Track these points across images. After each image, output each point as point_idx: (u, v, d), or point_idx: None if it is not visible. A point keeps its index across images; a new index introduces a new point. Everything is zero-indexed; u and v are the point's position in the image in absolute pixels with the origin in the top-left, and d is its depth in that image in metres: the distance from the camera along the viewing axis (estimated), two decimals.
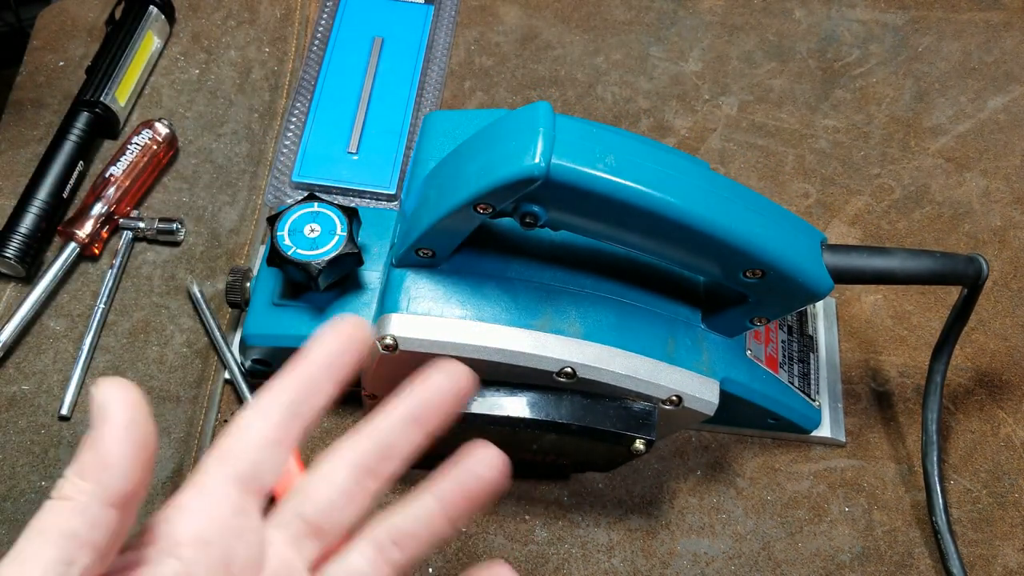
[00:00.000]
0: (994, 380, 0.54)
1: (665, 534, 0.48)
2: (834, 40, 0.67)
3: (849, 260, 0.39)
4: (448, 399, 0.30)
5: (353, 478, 0.29)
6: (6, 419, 0.48)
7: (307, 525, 0.29)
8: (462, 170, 0.36)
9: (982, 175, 0.61)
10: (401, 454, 0.30)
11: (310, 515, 0.29)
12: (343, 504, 0.29)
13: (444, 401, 0.30)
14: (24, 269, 0.51)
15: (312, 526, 0.29)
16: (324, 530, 0.29)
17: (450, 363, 0.30)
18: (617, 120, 0.63)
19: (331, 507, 0.29)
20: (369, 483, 0.29)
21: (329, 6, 0.65)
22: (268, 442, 0.28)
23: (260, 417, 0.28)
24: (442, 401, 0.30)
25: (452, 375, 0.30)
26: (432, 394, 0.30)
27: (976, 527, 0.49)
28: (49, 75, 0.61)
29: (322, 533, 0.29)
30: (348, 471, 0.29)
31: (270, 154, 0.59)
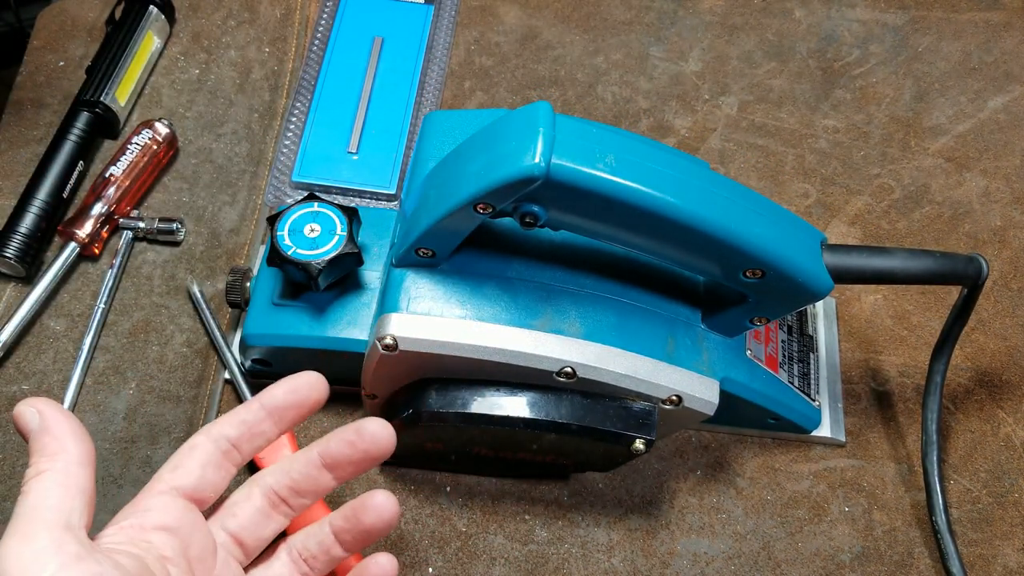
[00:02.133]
0: (994, 380, 0.54)
1: (665, 534, 0.48)
2: (834, 40, 0.67)
3: (849, 260, 0.39)
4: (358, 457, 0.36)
5: (268, 502, 0.36)
6: (6, 419, 0.48)
7: (231, 537, 0.35)
8: (462, 170, 0.36)
9: (982, 175, 0.61)
10: (311, 493, 0.37)
11: (233, 528, 0.35)
12: (261, 521, 0.36)
13: (354, 458, 0.36)
14: (24, 269, 0.51)
15: (235, 538, 0.35)
16: (246, 543, 0.36)
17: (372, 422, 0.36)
18: (617, 120, 0.63)
19: (251, 523, 0.36)
20: (283, 509, 0.36)
21: (329, 6, 0.65)
22: (212, 464, 0.34)
23: (208, 442, 0.35)
24: (352, 458, 0.36)
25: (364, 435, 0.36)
26: (343, 449, 0.36)
27: (976, 527, 0.49)
28: (49, 75, 0.61)
29: (244, 545, 0.36)
30: (264, 497, 0.36)
31: (270, 154, 0.59)
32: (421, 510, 0.48)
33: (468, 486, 0.49)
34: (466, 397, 0.40)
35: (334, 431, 0.36)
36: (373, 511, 0.35)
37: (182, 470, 0.34)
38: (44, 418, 0.31)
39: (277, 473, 0.36)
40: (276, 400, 0.36)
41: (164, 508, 0.33)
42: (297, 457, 0.36)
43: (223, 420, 0.36)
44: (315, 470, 0.36)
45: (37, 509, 0.29)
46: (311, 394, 0.36)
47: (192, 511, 0.34)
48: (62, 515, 0.29)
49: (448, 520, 0.48)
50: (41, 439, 0.31)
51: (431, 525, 0.48)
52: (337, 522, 0.36)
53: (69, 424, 0.31)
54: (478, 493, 0.49)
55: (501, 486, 0.49)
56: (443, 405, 0.40)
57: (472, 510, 0.48)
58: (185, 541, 0.33)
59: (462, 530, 0.48)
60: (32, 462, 0.31)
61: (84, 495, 0.30)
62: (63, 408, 0.32)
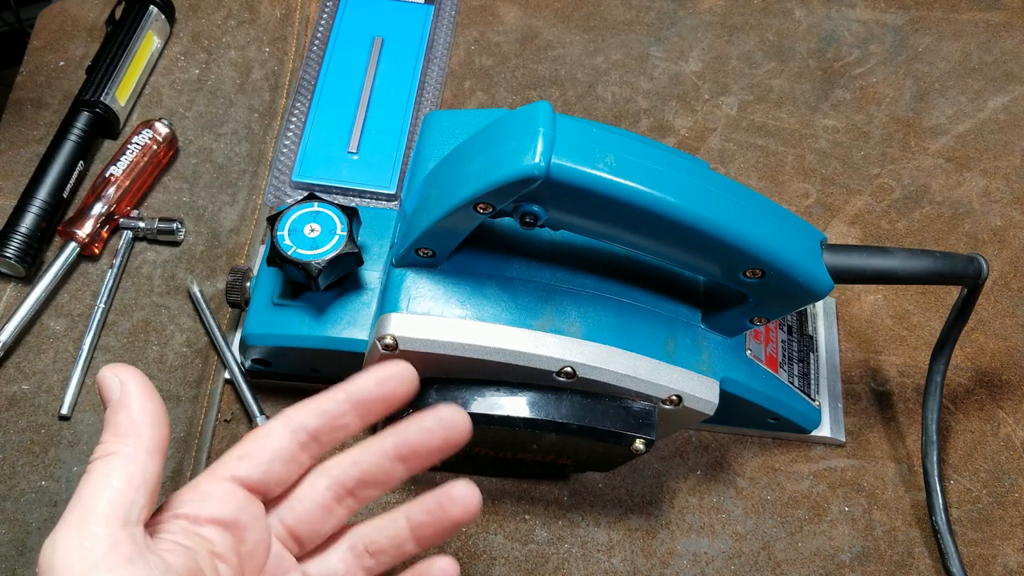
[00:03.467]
0: (994, 380, 0.54)
1: (665, 534, 0.48)
2: (834, 40, 0.67)
3: (849, 260, 0.39)
4: (437, 445, 0.33)
5: (333, 496, 0.33)
6: (6, 419, 0.48)
7: (287, 530, 0.32)
8: (462, 170, 0.36)
9: (982, 175, 0.61)
10: (381, 485, 0.33)
11: (290, 522, 0.32)
12: (321, 516, 0.33)
13: (433, 447, 0.33)
14: (24, 269, 0.51)
15: (291, 532, 0.33)
16: (303, 537, 0.33)
17: (447, 409, 0.33)
18: (617, 120, 0.63)
19: (310, 518, 0.33)
20: (347, 502, 0.33)
21: (329, 6, 0.65)
22: (284, 457, 0.32)
23: (286, 432, 0.32)
24: (430, 447, 0.33)
25: (444, 422, 0.33)
26: (422, 438, 0.33)
27: (976, 527, 0.49)
28: (49, 75, 0.61)
29: (300, 539, 0.33)
30: (329, 489, 0.33)
31: (270, 154, 0.59)
32: None
33: None
34: (466, 397, 0.40)
35: (409, 419, 0.33)
36: (459, 503, 0.33)
37: (250, 460, 0.31)
38: (124, 392, 0.29)
39: (344, 463, 0.33)
40: (364, 392, 0.32)
41: (224, 498, 0.30)
42: (367, 447, 0.33)
43: (304, 407, 0.32)
44: (388, 461, 0.33)
45: (95, 500, 0.27)
46: (400, 387, 0.33)
47: (252, 503, 0.31)
48: (121, 509, 0.27)
49: None
50: (117, 415, 0.29)
51: None
52: (417, 516, 0.33)
53: (149, 404, 0.29)
54: None
55: (501, 486, 0.49)
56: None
57: None
58: (240, 536, 0.30)
59: (462, 530, 0.48)
60: (103, 439, 0.29)
61: (148, 487, 0.28)
62: (148, 384, 0.29)
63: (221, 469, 0.31)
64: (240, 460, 0.31)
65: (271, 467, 0.31)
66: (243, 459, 0.31)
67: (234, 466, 0.31)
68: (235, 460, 0.31)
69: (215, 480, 0.31)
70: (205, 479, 0.31)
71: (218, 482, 0.31)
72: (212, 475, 0.31)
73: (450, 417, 0.33)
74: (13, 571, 0.45)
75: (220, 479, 0.31)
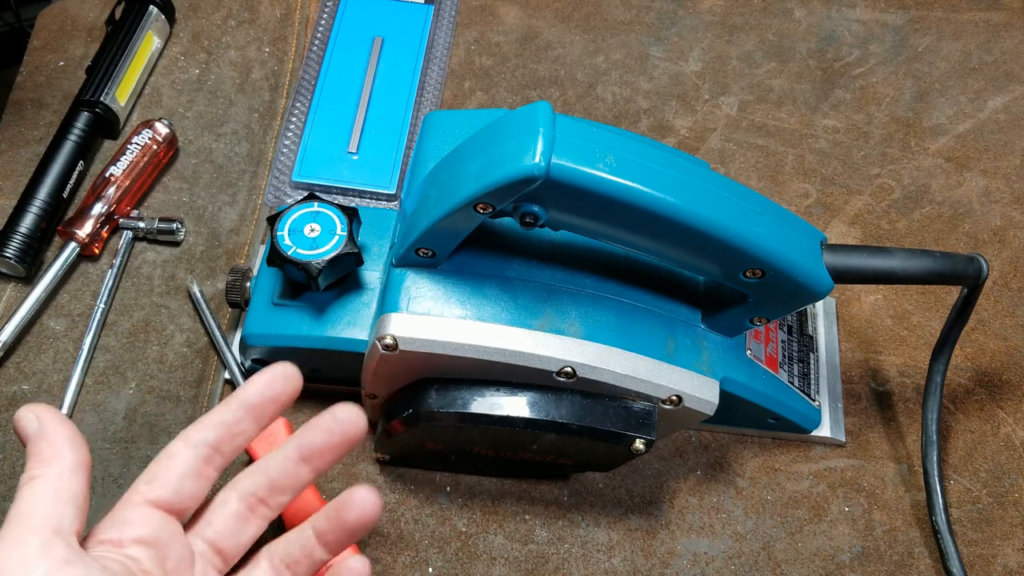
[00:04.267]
0: (994, 380, 0.54)
1: (665, 534, 0.48)
2: (834, 40, 0.67)
3: (849, 260, 0.39)
4: (336, 443, 0.35)
5: (246, 506, 0.35)
6: (6, 419, 0.48)
7: (209, 545, 0.35)
8: (462, 170, 0.36)
9: (982, 175, 0.61)
10: (290, 489, 0.35)
11: (210, 537, 0.35)
12: (239, 527, 0.35)
13: (333, 444, 0.35)
14: (24, 269, 0.51)
15: (213, 546, 0.35)
16: (224, 550, 0.35)
17: (343, 407, 0.35)
18: (617, 120, 0.63)
19: (228, 530, 0.35)
20: (261, 511, 0.35)
21: (329, 6, 0.65)
22: (191, 473, 0.33)
23: (187, 449, 0.34)
24: (331, 444, 0.35)
25: (341, 420, 0.35)
26: (323, 438, 0.35)
27: (976, 527, 0.49)
28: (49, 75, 0.61)
29: (223, 553, 0.35)
30: (241, 500, 0.35)
31: (270, 154, 0.59)
32: (421, 510, 0.48)
33: (468, 486, 0.49)
34: (466, 397, 0.40)
35: (307, 423, 0.35)
36: (355, 507, 0.34)
37: (159, 482, 0.33)
38: (42, 424, 0.31)
39: (254, 474, 0.36)
40: (252, 396, 0.35)
41: (141, 521, 0.32)
42: (273, 454, 0.35)
43: (202, 423, 0.34)
44: (292, 465, 0.35)
45: (27, 514, 0.29)
46: (286, 387, 0.35)
47: (170, 522, 0.33)
48: (52, 520, 0.29)
49: (448, 520, 0.48)
50: (38, 444, 0.31)
51: (431, 525, 0.48)
52: (320, 524, 0.35)
53: (66, 431, 0.32)
54: (478, 493, 0.49)
55: (501, 486, 0.49)
56: (443, 405, 0.40)
57: (472, 510, 0.48)
58: (162, 553, 0.32)
59: (462, 530, 0.48)
60: (27, 467, 0.31)
61: (76, 501, 0.30)
62: (62, 415, 0.32)
63: (133, 496, 0.33)
64: (149, 484, 0.33)
65: (180, 485, 0.33)
66: (152, 482, 0.33)
67: (144, 490, 0.33)
68: (144, 484, 0.33)
69: (129, 506, 0.33)
70: (120, 507, 0.33)
71: (132, 507, 0.33)
72: (125, 503, 0.33)
73: (346, 415, 0.35)
74: None
75: (133, 505, 0.33)
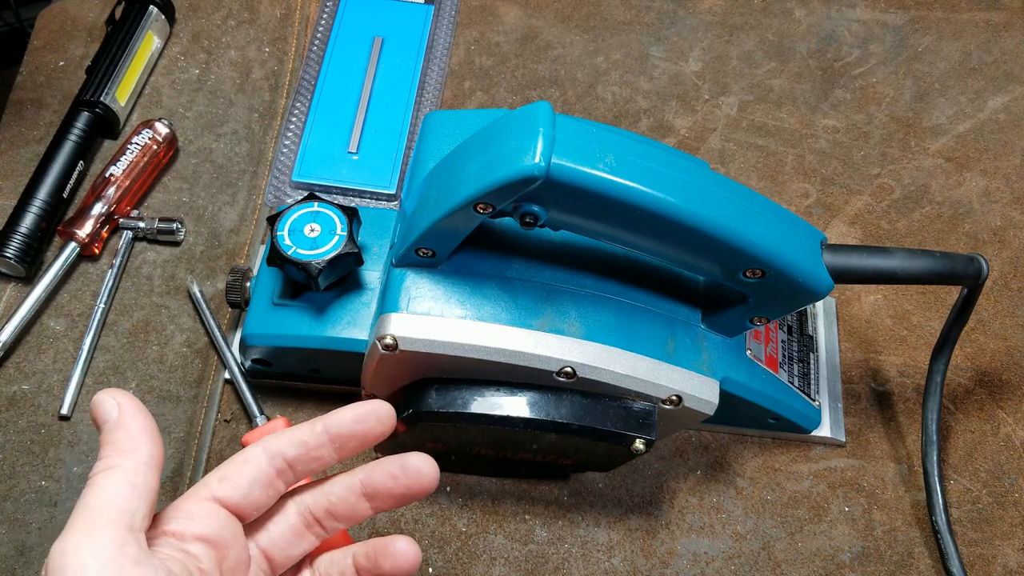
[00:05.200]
0: (994, 380, 0.54)
1: (665, 534, 0.48)
2: (834, 40, 0.67)
3: (849, 260, 0.39)
4: (399, 492, 0.35)
5: (303, 522, 0.35)
6: (6, 419, 0.48)
7: (261, 553, 0.34)
8: (462, 170, 0.36)
9: (982, 175, 0.61)
10: (347, 519, 0.35)
11: (264, 545, 0.34)
12: (293, 541, 0.35)
13: (395, 493, 0.35)
14: (24, 269, 0.51)
15: (265, 554, 0.34)
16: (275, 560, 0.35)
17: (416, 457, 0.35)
18: (617, 120, 0.63)
19: (283, 542, 0.35)
20: (316, 530, 0.35)
21: (329, 6, 0.65)
22: (263, 482, 0.33)
23: (264, 457, 0.34)
24: (393, 492, 0.35)
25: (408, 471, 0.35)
26: (386, 481, 0.35)
27: (976, 527, 0.49)
28: (49, 75, 0.61)
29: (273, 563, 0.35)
30: (299, 516, 0.35)
31: (270, 154, 0.59)
32: (421, 510, 0.48)
33: (468, 486, 0.49)
34: (466, 397, 0.40)
35: (379, 460, 0.35)
36: (393, 557, 0.34)
37: (230, 483, 0.33)
38: (123, 412, 0.31)
39: (315, 493, 0.35)
40: (342, 427, 0.34)
41: (207, 517, 0.32)
42: (338, 480, 0.35)
43: (284, 436, 0.34)
44: (354, 497, 0.35)
45: (103, 506, 0.29)
46: (376, 427, 0.34)
47: (234, 524, 0.33)
48: (126, 515, 0.29)
49: (448, 520, 0.48)
50: (116, 433, 0.30)
51: (431, 525, 0.48)
52: (360, 559, 0.35)
53: (146, 423, 0.31)
54: (478, 493, 0.49)
55: (501, 486, 0.49)
56: (443, 405, 0.40)
57: (472, 510, 0.48)
58: (222, 554, 0.32)
59: (462, 530, 0.48)
60: (103, 454, 0.30)
61: (149, 498, 0.30)
62: (142, 405, 0.31)
63: (203, 490, 0.33)
64: (221, 481, 0.33)
65: (251, 491, 0.33)
66: (224, 480, 0.33)
67: (216, 486, 0.33)
68: (217, 481, 0.33)
69: (198, 500, 0.32)
70: (188, 499, 0.32)
71: (201, 502, 0.32)
72: (195, 496, 0.32)
73: (415, 467, 0.34)
74: (13, 571, 0.45)
75: (203, 499, 0.32)
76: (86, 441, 0.48)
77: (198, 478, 0.48)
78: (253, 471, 0.33)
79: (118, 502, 0.29)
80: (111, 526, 0.28)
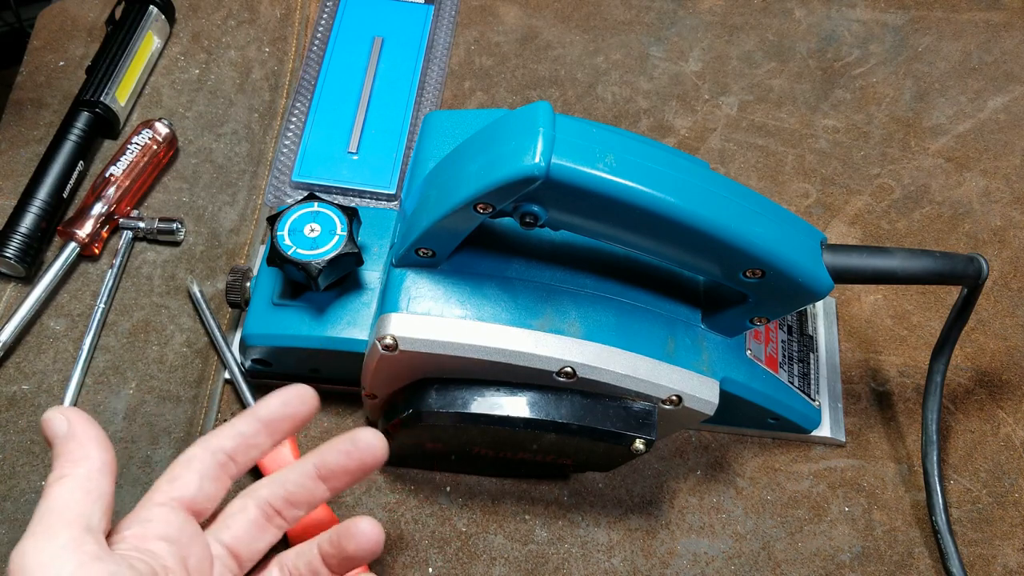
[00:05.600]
0: (994, 380, 0.54)
1: (665, 534, 0.48)
2: (834, 40, 0.67)
3: (849, 260, 0.39)
4: (353, 467, 0.36)
5: (263, 514, 0.36)
6: (6, 419, 0.48)
7: (226, 549, 0.36)
8: (462, 170, 0.36)
9: (982, 175, 0.61)
10: (305, 504, 0.37)
11: (227, 541, 0.36)
12: (255, 534, 0.36)
13: (350, 468, 0.36)
14: (24, 269, 0.51)
15: (230, 550, 0.36)
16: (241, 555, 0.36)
17: (364, 431, 0.36)
18: (617, 120, 0.63)
19: (245, 536, 0.36)
20: (277, 521, 0.37)
21: (329, 6, 0.65)
22: (209, 476, 0.35)
23: (206, 453, 0.35)
24: (348, 468, 0.36)
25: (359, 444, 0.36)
26: (339, 459, 0.36)
27: (976, 527, 0.49)
28: (49, 75, 0.61)
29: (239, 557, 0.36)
30: (258, 508, 0.36)
31: (270, 154, 0.59)
32: (421, 510, 0.48)
33: (468, 486, 0.49)
34: (466, 397, 0.40)
35: (328, 442, 0.37)
36: (356, 539, 0.36)
37: (180, 482, 0.34)
38: (72, 425, 0.32)
39: (272, 485, 0.37)
40: (271, 412, 0.36)
41: (164, 519, 0.33)
42: (292, 468, 0.37)
43: (220, 432, 0.36)
44: (310, 481, 0.37)
45: (58, 510, 0.29)
46: (302, 408, 0.37)
47: (191, 522, 0.34)
48: (83, 517, 0.30)
49: (448, 520, 0.48)
50: (67, 445, 0.32)
51: (431, 525, 0.48)
52: (324, 546, 0.37)
53: (95, 432, 0.32)
54: (478, 493, 0.49)
55: (501, 486, 0.49)
56: (443, 405, 0.40)
57: (472, 510, 0.48)
58: (184, 552, 0.33)
59: (462, 530, 0.48)
60: (56, 466, 0.31)
61: (103, 501, 0.31)
62: (90, 418, 0.33)
63: (156, 495, 0.34)
64: (172, 483, 0.34)
65: (201, 484, 0.34)
66: (174, 481, 0.34)
67: (167, 488, 0.34)
68: (167, 483, 0.34)
69: (152, 505, 0.33)
70: (142, 506, 0.34)
71: (155, 506, 0.33)
72: (148, 501, 0.34)
73: (366, 440, 0.36)
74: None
75: (156, 503, 0.34)
76: None
77: None
78: (199, 466, 0.35)
79: (73, 506, 0.30)
80: (68, 527, 0.29)
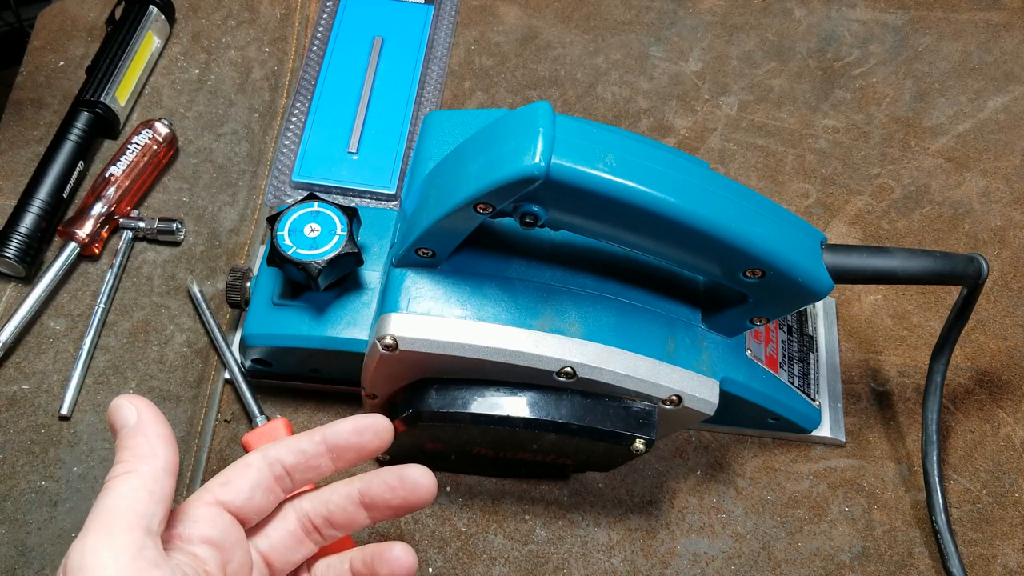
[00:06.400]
0: (994, 380, 0.54)
1: (665, 534, 0.48)
2: (834, 40, 0.67)
3: (849, 260, 0.39)
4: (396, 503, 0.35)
5: (302, 528, 0.36)
6: (6, 419, 0.48)
7: (262, 558, 0.35)
8: (462, 170, 0.36)
9: (982, 175, 0.61)
10: (344, 527, 0.36)
11: (264, 550, 0.35)
12: (293, 546, 0.36)
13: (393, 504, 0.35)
14: (24, 269, 0.51)
15: (265, 559, 0.35)
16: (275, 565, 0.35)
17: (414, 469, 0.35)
18: (617, 120, 0.63)
19: (283, 547, 0.35)
20: (314, 537, 0.36)
21: (329, 6, 0.65)
22: (263, 487, 0.34)
23: (264, 464, 0.34)
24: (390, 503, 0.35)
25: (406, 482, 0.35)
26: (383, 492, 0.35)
27: (976, 527, 0.49)
28: (49, 75, 0.61)
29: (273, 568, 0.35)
30: (298, 522, 0.36)
31: (270, 154, 0.59)
32: (421, 510, 0.48)
33: (468, 486, 0.49)
34: (466, 397, 0.40)
35: (377, 471, 0.35)
36: (390, 564, 0.35)
37: (232, 487, 0.33)
38: (142, 418, 0.31)
39: (315, 501, 0.36)
40: (339, 438, 0.35)
41: (211, 521, 0.32)
42: (337, 489, 0.36)
43: (283, 444, 0.35)
44: (352, 506, 0.35)
45: (121, 509, 0.29)
46: (374, 440, 0.35)
47: (236, 528, 0.33)
48: (144, 519, 0.29)
49: (448, 520, 0.48)
50: (134, 438, 0.31)
51: (431, 525, 0.48)
52: (357, 564, 0.36)
53: (164, 429, 0.31)
54: (478, 493, 0.49)
55: (501, 486, 0.49)
56: (443, 405, 0.40)
57: (472, 510, 0.48)
58: (226, 557, 0.32)
59: (462, 530, 0.48)
60: (121, 459, 0.30)
61: (165, 503, 0.30)
62: (160, 412, 0.32)
63: (207, 494, 0.33)
64: (224, 486, 0.33)
65: (252, 495, 0.33)
66: (227, 485, 0.33)
67: (218, 491, 0.33)
68: (219, 486, 0.33)
69: (201, 504, 0.33)
70: (193, 503, 0.33)
71: (204, 506, 0.33)
72: (198, 500, 0.33)
73: (413, 479, 0.35)
74: (13, 571, 0.45)
75: (206, 503, 0.33)
76: (86, 441, 0.48)
77: (198, 478, 0.48)
78: (255, 476, 0.34)
79: (136, 506, 0.29)
80: (130, 529, 0.28)
